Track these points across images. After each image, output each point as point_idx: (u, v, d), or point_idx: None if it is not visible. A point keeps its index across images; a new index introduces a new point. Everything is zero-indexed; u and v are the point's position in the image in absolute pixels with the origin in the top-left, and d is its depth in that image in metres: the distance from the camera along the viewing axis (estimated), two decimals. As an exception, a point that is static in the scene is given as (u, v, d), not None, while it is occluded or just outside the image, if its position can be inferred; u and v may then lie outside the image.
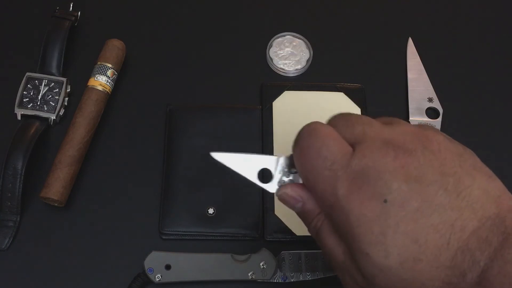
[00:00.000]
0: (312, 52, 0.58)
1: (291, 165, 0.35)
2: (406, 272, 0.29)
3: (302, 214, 0.35)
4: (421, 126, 0.33)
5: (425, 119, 0.54)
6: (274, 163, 0.35)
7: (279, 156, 0.35)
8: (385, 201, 0.29)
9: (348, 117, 0.33)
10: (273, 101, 0.54)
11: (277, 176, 0.35)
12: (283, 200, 0.35)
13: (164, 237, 0.48)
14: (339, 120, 0.34)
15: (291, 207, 0.35)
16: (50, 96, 0.52)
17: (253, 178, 0.35)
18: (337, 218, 0.31)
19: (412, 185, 0.29)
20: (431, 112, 0.55)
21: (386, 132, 0.32)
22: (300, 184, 0.34)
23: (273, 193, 0.35)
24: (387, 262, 0.29)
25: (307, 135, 0.33)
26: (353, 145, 0.32)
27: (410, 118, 0.54)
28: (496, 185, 0.30)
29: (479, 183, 0.30)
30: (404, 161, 0.30)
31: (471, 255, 0.28)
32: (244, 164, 0.35)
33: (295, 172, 0.35)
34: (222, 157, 0.35)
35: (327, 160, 0.31)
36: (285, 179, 0.35)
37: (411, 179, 0.29)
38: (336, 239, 0.32)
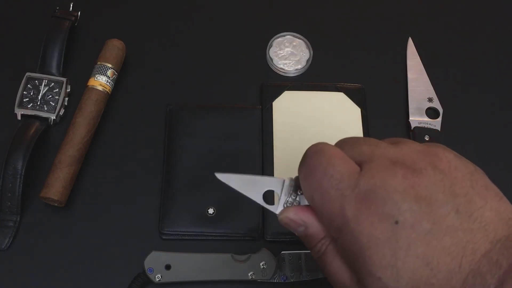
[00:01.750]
0: (312, 52, 0.58)
1: (296, 186, 0.34)
2: None
3: (305, 238, 0.34)
4: (429, 144, 0.32)
5: (425, 119, 0.54)
6: (280, 185, 0.35)
7: (285, 178, 0.35)
8: (396, 222, 0.28)
9: (355, 138, 0.33)
10: (273, 101, 0.54)
11: (283, 198, 0.35)
12: (284, 223, 0.34)
13: (164, 237, 0.48)
14: (346, 142, 0.33)
15: (293, 230, 0.34)
16: (50, 96, 0.52)
17: (259, 199, 0.35)
18: (345, 241, 0.30)
19: (423, 206, 0.28)
20: (431, 112, 0.55)
21: (394, 151, 0.31)
22: (304, 207, 0.33)
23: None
24: (398, 285, 0.28)
25: (313, 155, 0.32)
26: (360, 165, 0.31)
27: (410, 118, 0.54)
28: (506, 206, 0.30)
29: (491, 205, 0.29)
30: (413, 180, 0.29)
31: (482, 278, 0.27)
32: (249, 186, 0.35)
33: (301, 194, 0.34)
34: (227, 178, 0.35)
35: (334, 179, 0.30)
36: (291, 201, 0.35)
37: (422, 199, 0.29)
38: (342, 263, 0.32)
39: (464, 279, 0.28)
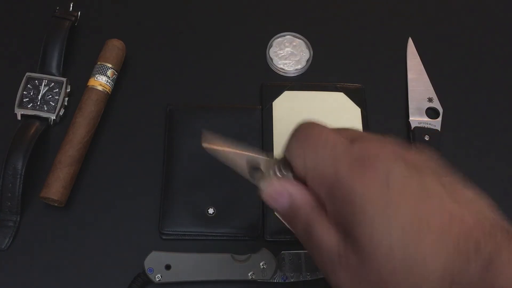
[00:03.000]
0: (312, 52, 0.58)
1: (284, 166, 0.35)
2: (408, 255, 0.28)
3: (291, 212, 0.34)
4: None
5: (425, 119, 0.54)
6: (266, 163, 0.35)
7: (270, 157, 0.36)
8: (388, 181, 0.30)
9: (343, 127, 0.36)
10: (273, 101, 0.54)
11: (267, 175, 0.35)
12: (270, 197, 0.34)
13: (164, 237, 0.48)
14: (335, 127, 0.35)
15: (279, 207, 0.34)
16: (50, 96, 0.52)
17: (244, 174, 0.36)
18: (337, 199, 0.31)
19: (413, 172, 0.30)
20: (431, 112, 0.55)
21: (381, 137, 0.33)
22: (290, 179, 0.34)
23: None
24: (390, 244, 0.29)
25: (305, 127, 0.34)
26: (351, 142, 0.33)
27: (410, 118, 0.54)
28: (487, 200, 0.31)
29: (473, 192, 0.31)
30: (403, 153, 0.31)
31: (475, 243, 0.28)
32: (235, 161, 0.36)
33: (286, 173, 0.35)
34: (214, 151, 0.36)
35: (328, 143, 0.32)
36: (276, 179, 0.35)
37: (411, 166, 0.30)
38: (331, 228, 0.32)
39: (456, 242, 0.28)
